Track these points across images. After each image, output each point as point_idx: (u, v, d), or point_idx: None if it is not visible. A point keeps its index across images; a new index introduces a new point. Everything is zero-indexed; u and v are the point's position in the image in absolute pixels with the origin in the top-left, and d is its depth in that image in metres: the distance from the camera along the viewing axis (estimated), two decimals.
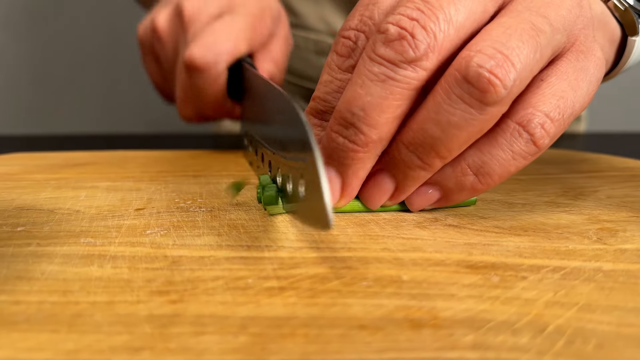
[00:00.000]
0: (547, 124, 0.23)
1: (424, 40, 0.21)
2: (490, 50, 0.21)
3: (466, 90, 0.21)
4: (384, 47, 0.22)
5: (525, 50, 0.21)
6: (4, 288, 0.18)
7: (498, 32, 0.21)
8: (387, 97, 0.22)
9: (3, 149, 0.42)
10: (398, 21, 0.21)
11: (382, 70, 0.22)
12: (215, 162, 0.38)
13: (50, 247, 0.21)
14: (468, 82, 0.21)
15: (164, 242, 0.22)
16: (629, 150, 0.44)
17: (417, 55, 0.21)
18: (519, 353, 0.14)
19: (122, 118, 1.12)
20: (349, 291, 0.18)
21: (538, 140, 0.23)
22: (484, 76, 0.21)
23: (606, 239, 0.23)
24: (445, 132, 0.22)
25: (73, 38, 1.08)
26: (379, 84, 0.22)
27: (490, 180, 0.24)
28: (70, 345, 0.15)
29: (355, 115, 0.22)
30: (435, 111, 0.22)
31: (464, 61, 0.21)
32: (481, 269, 0.20)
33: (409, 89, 0.22)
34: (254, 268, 0.19)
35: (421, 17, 0.21)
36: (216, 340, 0.15)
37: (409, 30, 0.21)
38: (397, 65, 0.21)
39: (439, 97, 0.22)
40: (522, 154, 0.23)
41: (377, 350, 0.14)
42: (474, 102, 0.21)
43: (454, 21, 0.21)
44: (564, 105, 0.23)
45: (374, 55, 0.22)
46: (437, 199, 0.26)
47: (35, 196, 0.28)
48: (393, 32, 0.21)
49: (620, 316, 0.16)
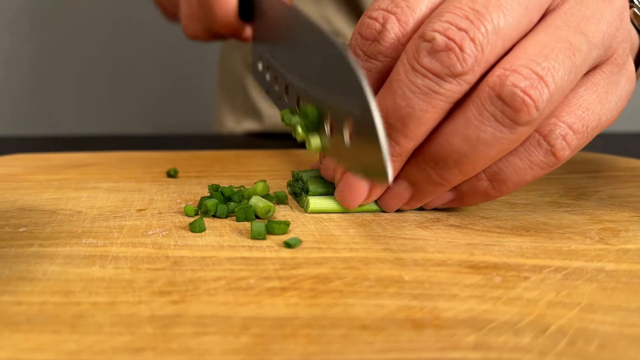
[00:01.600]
0: (569, 135, 0.22)
1: (472, 53, 0.20)
2: (525, 71, 0.20)
3: (499, 109, 0.21)
4: (429, 58, 0.21)
5: (560, 72, 0.21)
6: (6, 289, 0.18)
7: (534, 51, 0.21)
8: (427, 111, 0.21)
9: (5, 150, 0.42)
10: (446, 30, 0.20)
11: (426, 83, 0.21)
12: (216, 162, 0.38)
13: (52, 248, 0.21)
14: (502, 100, 0.20)
15: (166, 242, 0.22)
16: (631, 150, 0.44)
17: (463, 69, 0.20)
18: (521, 353, 0.14)
19: (123, 119, 1.12)
20: (351, 291, 0.18)
21: (558, 152, 0.22)
22: (519, 95, 0.20)
23: (608, 239, 0.23)
24: (472, 149, 0.21)
25: (75, 39, 1.08)
26: (421, 97, 0.21)
27: (504, 188, 0.23)
28: (72, 346, 0.15)
29: (393, 126, 0.22)
30: (465, 127, 0.21)
31: (499, 79, 0.20)
32: (483, 269, 0.20)
33: (450, 102, 0.21)
34: (256, 268, 0.19)
35: (470, 28, 0.20)
36: (218, 340, 0.15)
37: (457, 43, 0.20)
38: (442, 79, 0.21)
39: (470, 113, 0.21)
40: (539, 164, 0.23)
41: (378, 351, 0.14)
42: (506, 120, 0.21)
43: (502, 33, 0.21)
44: (589, 117, 0.22)
45: (418, 66, 0.21)
46: (450, 200, 0.26)
47: (38, 197, 0.28)
48: (440, 42, 0.20)
49: (623, 316, 0.16)
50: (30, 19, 1.08)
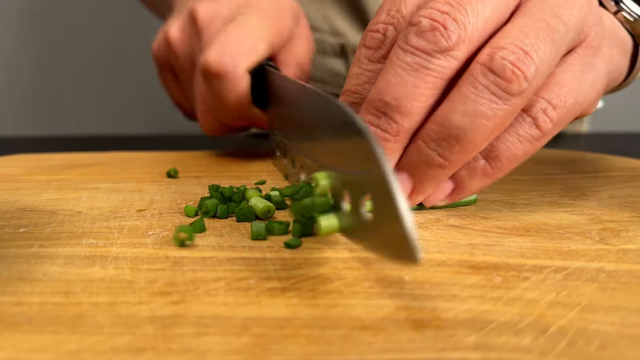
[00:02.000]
0: (549, 109, 0.24)
1: (455, 30, 0.22)
2: (512, 47, 0.22)
3: (492, 81, 0.22)
4: (416, 38, 0.23)
5: (542, 48, 0.23)
6: (6, 289, 0.18)
7: (517, 31, 0.23)
8: (420, 86, 0.23)
9: (5, 150, 0.42)
10: (430, 14, 0.23)
11: (415, 59, 0.23)
12: (216, 163, 0.38)
13: (52, 248, 0.21)
14: (494, 72, 0.22)
15: (166, 243, 0.22)
16: (631, 150, 0.44)
17: (449, 44, 0.22)
18: (521, 354, 0.14)
19: (123, 119, 1.12)
20: (351, 292, 0.18)
21: (541, 125, 0.24)
22: (508, 67, 0.22)
23: (609, 239, 0.23)
24: (472, 122, 0.23)
25: (75, 40, 1.08)
26: (412, 73, 0.23)
27: (500, 164, 0.25)
28: (73, 346, 0.15)
29: (388, 104, 0.23)
30: (462, 102, 0.23)
31: (488, 56, 0.22)
32: (483, 269, 0.20)
33: (441, 77, 0.23)
34: (256, 269, 0.19)
35: (451, 10, 0.22)
36: (218, 341, 0.15)
37: (440, 22, 0.22)
38: (430, 55, 0.22)
39: (465, 89, 0.23)
40: (527, 137, 0.24)
41: (379, 351, 0.14)
42: (499, 91, 0.22)
43: (481, 15, 0.23)
44: (565, 93, 0.24)
45: (407, 46, 0.23)
46: (451, 190, 0.26)
47: (38, 197, 0.28)
48: (425, 24, 0.22)
49: (623, 316, 0.16)
50: (31, 20, 1.08)
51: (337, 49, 0.56)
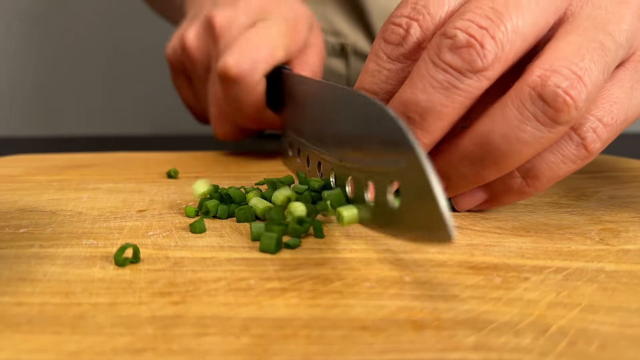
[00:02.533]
0: (600, 128, 0.23)
1: (492, 50, 0.21)
2: (565, 71, 0.21)
3: (540, 109, 0.21)
4: (450, 54, 0.21)
5: (595, 71, 0.21)
6: (6, 289, 0.18)
7: (570, 51, 0.21)
8: (447, 105, 0.22)
9: (5, 151, 0.42)
10: (467, 28, 0.21)
11: (447, 77, 0.21)
12: (217, 163, 0.38)
13: (52, 249, 0.21)
14: (543, 100, 0.21)
15: (166, 243, 0.22)
16: (631, 150, 0.44)
17: (484, 65, 0.21)
18: (521, 354, 0.14)
19: (124, 120, 1.12)
20: (351, 292, 0.18)
21: (589, 145, 0.23)
22: (560, 96, 0.21)
23: (609, 239, 0.23)
24: (511, 147, 0.22)
25: (74, 40, 1.08)
26: (441, 91, 0.21)
27: (538, 184, 0.24)
28: (73, 347, 0.15)
29: (411, 119, 0.22)
30: (505, 125, 0.22)
31: (540, 80, 0.21)
32: (483, 269, 0.20)
33: (470, 98, 0.22)
34: (256, 269, 0.19)
35: (490, 26, 0.21)
36: (218, 341, 0.15)
37: (478, 39, 0.21)
38: (463, 74, 0.21)
39: (509, 113, 0.21)
40: (571, 158, 0.23)
41: (379, 352, 0.14)
42: (547, 120, 0.21)
43: (520, 32, 0.21)
44: (617, 111, 0.23)
45: (439, 61, 0.21)
46: (484, 201, 0.26)
47: (38, 198, 0.28)
48: (462, 39, 0.21)
49: (623, 317, 0.16)
50: (31, 20, 1.08)
51: (337, 49, 0.56)
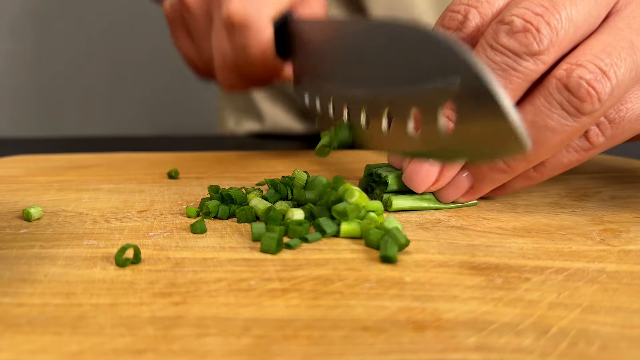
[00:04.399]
0: (604, 124, 0.24)
1: (547, 35, 0.22)
2: (590, 66, 0.22)
3: (566, 98, 0.22)
4: (507, 38, 0.22)
5: (622, 69, 0.22)
6: (7, 290, 0.18)
7: (598, 49, 0.23)
8: (506, 87, 0.23)
9: (6, 151, 0.42)
10: (523, 14, 0.22)
11: (504, 59, 0.22)
12: (217, 164, 0.38)
13: (53, 250, 0.21)
14: (568, 90, 0.22)
15: (167, 244, 0.22)
16: (632, 151, 0.44)
17: (540, 48, 0.22)
18: (522, 354, 0.14)
19: (124, 120, 1.12)
20: (352, 293, 0.18)
21: (592, 137, 0.24)
22: (583, 86, 0.22)
23: (610, 240, 0.23)
24: (539, 135, 0.23)
25: (76, 41, 1.08)
26: (500, 73, 0.23)
27: (543, 169, 0.25)
28: (74, 348, 0.15)
29: None
30: (533, 113, 0.23)
31: (566, 72, 0.22)
32: (484, 270, 0.20)
33: (526, 80, 0.23)
34: (257, 270, 0.19)
35: (545, 13, 0.22)
36: (219, 342, 0.15)
37: (534, 24, 0.22)
38: (520, 57, 0.22)
39: (538, 102, 0.23)
40: (574, 147, 0.24)
41: (380, 352, 0.14)
42: (571, 109, 0.22)
43: (574, 20, 0.22)
44: (625, 110, 0.24)
45: (497, 45, 0.23)
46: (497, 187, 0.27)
47: (39, 198, 0.28)
48: (518, 24, 0.22)
49: (624, 317, 0.16)
50: (32, 21, 1.09)
51: None
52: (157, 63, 1.08)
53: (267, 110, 0.62)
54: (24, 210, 0.25)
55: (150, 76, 1.09)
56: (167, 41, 0.43)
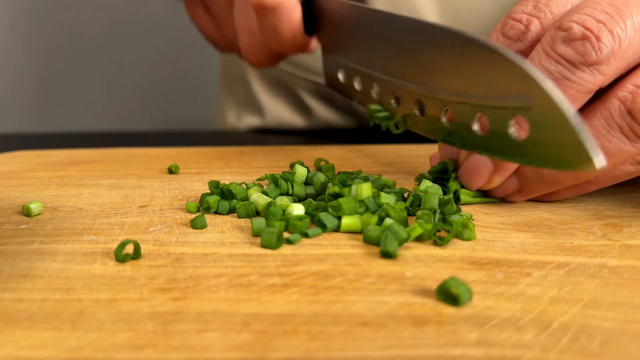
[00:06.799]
0: None
1: (608, 44, 0.21)
2: None
3: (627, 123, 0.21)
4: (564, 46, 0.21)
5: None
6: (7, 286, 0.18)
7: None
8: None
9: (7, 147, 0.42)
10: (583, 21, 0.21)
11: (559, 69, 0.21)
12: (218, 159, 0.38)
13: (53, 245, 0.21)
14: (632, 116, 0.21)
15: (167, 239, 0.22)
16: None
17: (598, 58, 0.21)
18: (523, 350, 0.14)
19: (124, 116, 1.12)
20: (352, 288, 0.18)
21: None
22: None
23: (611, 234, 0.23)
24: None
25: (76, 36, 1.08)
26: (554, 83, 0.21)
27: (595, 181, 0.25)
28: (73, 343, 0.15)
29: None
30: (591, 133, 0.22)
31: (631, 96, 0.21)
32: (485, 265, 0.20)
33: (582, 91, 0.22)
34: (257, 265, 0.19)
35: (609, 20, 0.21)
36: (219, 337, 0.15)
37: (594, 32, 0.21)
38: (576, 66, 0.21)
39: (597, 122, 0.22)
40: (630, 160, 0.23)
41: (380, 347, 0.14)
42: (632, 135, 0.22)
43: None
44: None
45: (552, 52, 0.22)
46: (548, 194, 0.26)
47: (39, 194, 0.28)
48: (577, 31, 0.21)
49: (626, 312, 0.16)
50: (31, 16, 1.08)
51: None
52: (158, 58, 1.08)
53: (268, 105, 0.61)
54: (24, 206, 0.25)
55: (150, 71, 1.09)
56: (168, 36, 0.43)
